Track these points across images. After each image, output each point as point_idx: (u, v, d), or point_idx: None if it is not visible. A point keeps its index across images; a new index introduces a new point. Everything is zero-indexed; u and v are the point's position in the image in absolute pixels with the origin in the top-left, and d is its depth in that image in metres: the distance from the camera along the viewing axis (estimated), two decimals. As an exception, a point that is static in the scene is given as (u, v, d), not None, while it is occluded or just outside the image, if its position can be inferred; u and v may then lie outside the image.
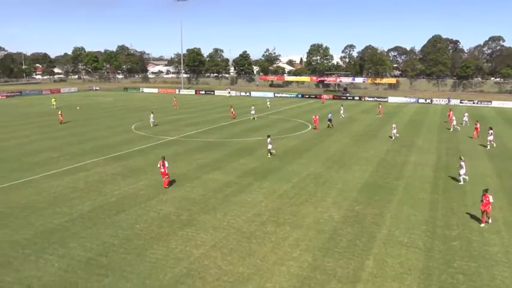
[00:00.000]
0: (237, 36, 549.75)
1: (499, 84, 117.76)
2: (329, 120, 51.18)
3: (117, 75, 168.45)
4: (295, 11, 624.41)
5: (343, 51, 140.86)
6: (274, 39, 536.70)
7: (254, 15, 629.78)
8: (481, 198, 20.71)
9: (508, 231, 19.86)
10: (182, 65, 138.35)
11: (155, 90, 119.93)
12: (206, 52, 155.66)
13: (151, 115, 51.58)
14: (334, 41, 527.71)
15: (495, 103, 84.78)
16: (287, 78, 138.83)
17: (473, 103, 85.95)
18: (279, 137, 43.52)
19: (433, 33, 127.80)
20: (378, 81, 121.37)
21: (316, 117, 50.10)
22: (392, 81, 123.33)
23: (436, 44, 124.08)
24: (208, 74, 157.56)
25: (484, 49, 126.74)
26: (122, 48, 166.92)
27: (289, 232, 19.67)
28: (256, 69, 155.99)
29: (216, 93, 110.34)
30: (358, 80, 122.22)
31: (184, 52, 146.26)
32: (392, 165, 32.34)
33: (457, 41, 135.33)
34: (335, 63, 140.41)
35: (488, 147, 38.95)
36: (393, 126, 44.90)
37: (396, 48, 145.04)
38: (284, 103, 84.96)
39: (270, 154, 35.07)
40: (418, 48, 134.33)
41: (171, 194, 25.08)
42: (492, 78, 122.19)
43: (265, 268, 16.23)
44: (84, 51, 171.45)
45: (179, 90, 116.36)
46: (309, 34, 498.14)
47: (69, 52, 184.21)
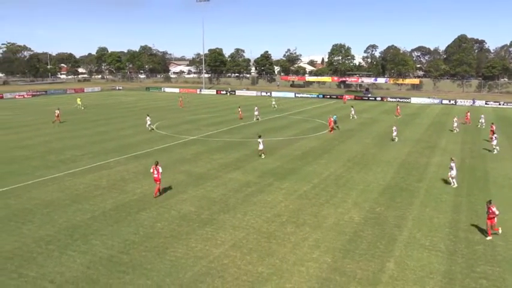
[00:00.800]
0: (259, 36, 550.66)
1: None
2: (334, 122, 49.47)
3: (140, 75, 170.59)
4: (317, 11, 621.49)
5: (365, 51, 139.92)
6: (295, 39, 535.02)
7: (276, 15, 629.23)
8: (486, 210, 19.47)
9: (535, 236, 19.34)
10: (204, 65, 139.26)
11: (177, 90, 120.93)
12: (228, 52, 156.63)
13: (147, 118, 48.57)
14: (356, 41, 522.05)
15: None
16: (308, 78, 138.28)
17: (499, 104, 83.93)
18: (300, 138, 43.35)
19: (458, 33, 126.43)
20: (401, 81, 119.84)
21: (330, 119, 48.70)
22: (415, 81, 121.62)
23: (461, 43, 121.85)
24: (230, 74, 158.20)
25: (510, 49, 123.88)
26: (145, 48, 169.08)
27: (309, 233, 19.57)
28: (277, 69, 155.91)
29: (237, 93, 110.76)
30: (380, 80, 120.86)
31: (206, 52, 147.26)
32: (414, 167, 31.87)
33: (483, 41, 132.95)
34: (357, 64, 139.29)
35: (494, 151, 36.97)
36: (394, 128, 43.45)
37: (419, 48, 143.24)
38: (305, 103, 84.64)
39: (260, 155, 34.54)
40: (442, 48, 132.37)
41: (191, 193, 25.24)
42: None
43: (285, 268, 16.18)
44: (108, 52, 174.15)
45: (200, 90, 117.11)
46: (330, 34, 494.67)
47: (93, 52, 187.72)
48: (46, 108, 71.65)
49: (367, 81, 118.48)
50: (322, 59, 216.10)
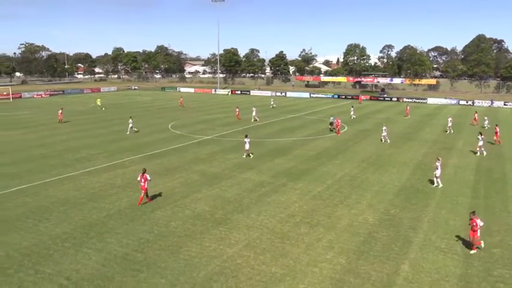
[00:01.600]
0: (274, 36, 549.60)
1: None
2: (330, 123, 48.61)
3: (155, 75, 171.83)
4: (333, 10, 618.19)
5: (381, 52, 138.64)
6: (310, 39, 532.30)
7: (291, 15, 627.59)
8: (469, 222, 18.21)
9: (554, 240, 18.95)
10: (219, 65, 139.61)
11: (192, 90, 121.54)
12: (242, 52, 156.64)
13: (129, 120, 46.73)
14: (372, 41, 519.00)
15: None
16: (323, 78, 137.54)
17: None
18: (314, 138, 43.21)
19: (476, 33, 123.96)
20: (417, 82, 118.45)
21: (338, 121, 46.90)
22: (432, 82, 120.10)
23: (480, 43, 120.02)
24: (244, 74, 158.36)
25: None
26: (161, 48, 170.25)
27: (322, 234, 19.49)
28: (292, 69, 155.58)
29: (252, 93, 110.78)
30: (396, 80, 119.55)
31: (221, 52, 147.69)
32: (430, 168, 31.43)
33: (502, 41, 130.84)
34: (372, 64, 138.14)
35: (477, 153, 36.07)
36: (384, 128, 42.62)
37: (436, 48, 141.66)
38: (320, 103, 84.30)
39: (248, 155, 34.33)
40: (459, 48, 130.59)
41: (205, 192, 25.34)
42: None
43: (298, 269, 16.14)
44: (123, 52, 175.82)
45: (215, 90, 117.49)
46: (346, 34, 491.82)
47: (110, 52, 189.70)
48: (64, 107, 72.64)
49: (383, 81, 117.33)
50: (338, 59, 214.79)
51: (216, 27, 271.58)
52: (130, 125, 46.27)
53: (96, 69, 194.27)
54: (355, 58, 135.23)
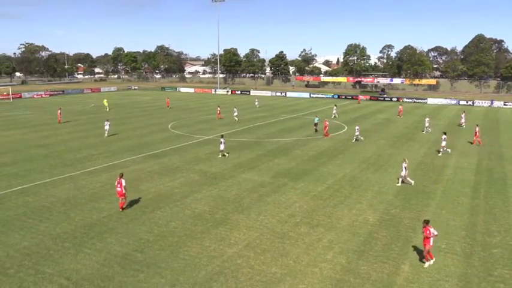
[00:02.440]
0: (274, 36, 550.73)
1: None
2: (315, 124, 47.77)
3: (155, 75, 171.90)
4: (333, 10, 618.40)
5: (381, 52, 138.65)
6: (311, 39, 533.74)
7: (291, 15, 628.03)
8: (422, 231, 17.06)
9: (554, 240, 18.95)
10: (219, 65, 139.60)
11: (192, 90, 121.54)
12: (243, 52, 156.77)
13: (106, 122, 44.42)
14: (372, 41, 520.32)
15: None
16: (323, 78, 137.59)
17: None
18: (314, 138, 43.20)
19: (476, 33, 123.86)
20: (417, 82, 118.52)
21: (326, 122, 45.44)
22: (432, 82, 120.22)
23: (479, 44, 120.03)
24: (244, 74, 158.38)
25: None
26: (161, 48, 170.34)
27: (323, 234, 19.49)
28: (292, 69, 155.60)
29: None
30: (396, 80, 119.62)
31: (221, 52, 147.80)
32: (430, 169, 31.51)
33: (502, 41, 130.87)
34: (372, 64, 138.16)
35: (440, 153, 36.02)
36: (357, 128, 42.81)
37: (436, 49, 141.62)
38: (320, 104, 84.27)
39: (224, 155, 34.31)
40: (459, 48, 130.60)
41: (205, 192, 25.34)
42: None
43: (298, 269, 16.14)
44: (124, 52, 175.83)
45: (215, 90, 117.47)
46: (346, 34, 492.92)
47: (110, 52, 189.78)
48: (64, 107, 72.62)
49: (383, 81, 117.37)
50: (338, 59, 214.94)
51: (216, 27, 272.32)
52: (107, 127, 43.50)
53: (96, 69, 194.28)
54: (355, 58, 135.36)
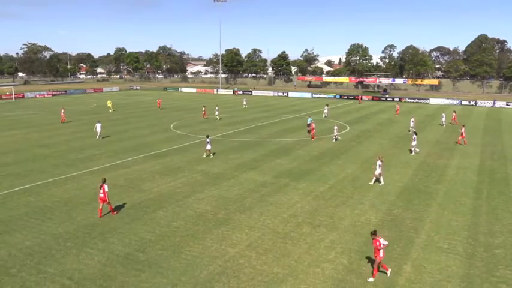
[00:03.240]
0: (276, 36, 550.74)
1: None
2: (308, 125, 46.62)
3: (157, 75, 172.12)
4: (335, 10, 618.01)
5: (383, 52, 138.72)
6: (313, 39, 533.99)
7: (293, 15, 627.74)
8: (371, 242, 16.05)
9: (557, 241, 18.89)
10: (221, 65, 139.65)
11: (194, 90, 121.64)
12: (245, 52, 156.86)
13: (97, 124, 42.96)
14: (374, 41, 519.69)
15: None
16: (325, 78, 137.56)
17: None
18: (316, 138, 43.16)
19: (478, 33, 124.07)
20: (419, 82, 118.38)
21: (312, 125, 44.03)
22: (434, 82, 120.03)
23: (482, 44, 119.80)
24: (246, 74, 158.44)
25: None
26: (163, 49, 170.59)
27: (325, 234, 19.47)
28: (294, 69, 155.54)
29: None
30: (399, 80, 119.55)
31: (223, 52, 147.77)
32: (432, 169, 31.45)
33: (504, 41, 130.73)
34: (375, 64, 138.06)
35: (413, 153, 36.16)
36: (335, 128, 43.14)
37: (439, 49, 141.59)
38: (322, 104, 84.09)
39: (208, 155, 34.25)
40: (462, 48, 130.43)
41: (207, 192, 25.34)
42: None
43: (300, 269, 16.13)
44: (126, 52, 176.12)
45: (217, 90, 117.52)
46: (348, 34, 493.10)
47: (112, 52, 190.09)
48: (66, 107, 72.78)
49: (385, 81, 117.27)
50: (340, 59, 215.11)
51: (218, 27, 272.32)
52: (98, 129, 42.36)
53: (98, 70, 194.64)
54: (358, 58, 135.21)
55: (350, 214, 22.00)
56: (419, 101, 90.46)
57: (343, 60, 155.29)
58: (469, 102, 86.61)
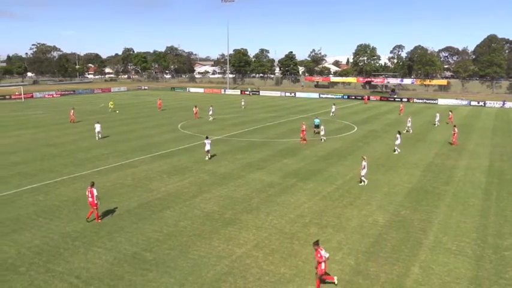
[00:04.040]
0: (283, 37, 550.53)
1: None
2: (316, 126, 45.55)
3: (165, 75, 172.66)
4: (343, 10, 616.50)
5: (391, 52, 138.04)
6: (320, 39, 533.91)
7: (301, 15, 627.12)
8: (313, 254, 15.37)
9: None
10: (228, 66, 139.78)
11: (201, 90, 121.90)
12: (252, 52, 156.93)
13: (96, 125, 42.64)
14: (382, 41, 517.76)
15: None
16: (333, 79, 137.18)
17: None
18: (325, 138, 43.09)
19: (488, 33, 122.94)
20: (428, 82, 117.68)
21: (303, 126, 41.47)
22: (443, 82, 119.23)
23: (491, 44, 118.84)
24: (254, 74, 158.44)
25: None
26: (171, 49, 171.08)
27: (332, 235, 19.41)
28: (301, 69, 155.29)
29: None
30: (407, 81, 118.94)
31: (231, 52, 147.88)
32: (441, 170, 31.24)
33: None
34: (383, 64, 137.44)
35: (396, 152, 36.38)
36: (322, 128, 42.77)
37: (447, 49, 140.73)
38: (329, 104, 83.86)
39: (206, 156, 33.86)
40: (471, 48, 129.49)
41: (214, 192, 25.37)
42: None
43: (307, 270, 16.09)
44: (134, 52, 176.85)
45: (224, 90, 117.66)
46: (356, 34, 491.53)
47: (120, 53, 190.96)
48: (75, 107, 73.27)
49: (393, 82, 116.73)
50: (347, 60, 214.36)
51: (226, 27, 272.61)
52: (98, 129, 42.23)
53: (107, 70, 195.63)
54: (365, 58, 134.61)
55: (357, 215, 21.92)
56: (427, 102, 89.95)
57: (351, 60, 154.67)
58: (478, 103, 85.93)
